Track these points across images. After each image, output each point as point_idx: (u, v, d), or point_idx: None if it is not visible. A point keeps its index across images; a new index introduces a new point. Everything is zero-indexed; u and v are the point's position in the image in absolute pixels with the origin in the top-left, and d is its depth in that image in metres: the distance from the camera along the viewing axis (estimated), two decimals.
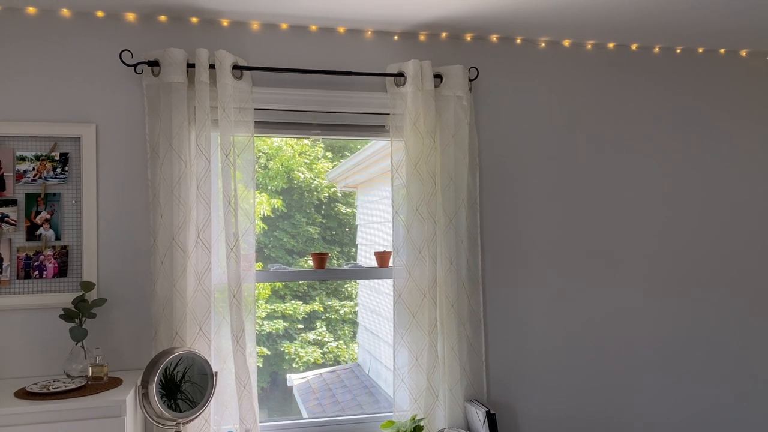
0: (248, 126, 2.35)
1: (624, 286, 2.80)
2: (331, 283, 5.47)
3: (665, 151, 2.87)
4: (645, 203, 2.84)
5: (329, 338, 5.47)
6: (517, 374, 2.66)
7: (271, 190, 5.28)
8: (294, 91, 2.45)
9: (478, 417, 2.39)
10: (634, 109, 2.85)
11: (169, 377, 2.08)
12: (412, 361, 2.44)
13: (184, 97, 2.26)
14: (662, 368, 2.82)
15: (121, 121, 2.32)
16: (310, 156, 5.53)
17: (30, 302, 2.19)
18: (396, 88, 2.49)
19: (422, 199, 2.45)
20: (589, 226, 2.77)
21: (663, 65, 2.90)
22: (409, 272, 2.45)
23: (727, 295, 2.91)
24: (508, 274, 2.67)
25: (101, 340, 2.26)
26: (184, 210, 2.24)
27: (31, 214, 2.22)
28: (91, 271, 2.25)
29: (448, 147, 2.51)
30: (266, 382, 5.29)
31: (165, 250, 2.23)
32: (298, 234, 5.48)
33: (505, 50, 2.71)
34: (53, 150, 2.25)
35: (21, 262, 2.20)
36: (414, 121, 2.44)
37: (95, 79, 2.31)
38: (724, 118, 2.95)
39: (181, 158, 2.24)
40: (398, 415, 2.45)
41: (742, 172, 2.96)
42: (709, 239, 2.90)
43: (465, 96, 2.54)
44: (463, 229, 2.53)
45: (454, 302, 2.48)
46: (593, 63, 2.82)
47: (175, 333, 2.21)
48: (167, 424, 2.09)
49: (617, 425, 2.76)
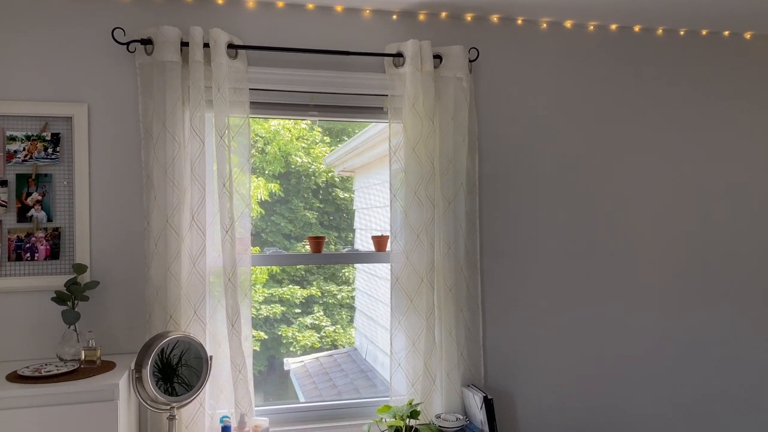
0: (243, 106, 2.30)
1: (624, 273, 2.77)
2: (328, 268, 5.45)
3: (669, 134, 2.84)
4: (647, 188, 2.80)
5: (326, 323, 5.47)
6: (515, 360, 2.64)
7: (268, 174, 5.24)
8: (290, 71, 2.40)
9: (475, 402, 2.38)
10: (637, 91, 2.81)
11: (166, 361, 2.06)
12: (409, 345, 2.42)
13: (177, 76, 2.21)
14: (660, 357, 2.81)
15: (114, 100, 2.28)
16: (308, 140, 5.48)
17: (21, 285, 2.16)
18: (394, 69, 2.44)
19: (420, 183, 2.41)
20: (591, 211, 2.74)
21: (666, 47, 2.85)
22: (406, 256, 2.42)
23: (726, 285, 2.89)
24: (507, 259, 2.64)
25: (94, 323, 2.23)
26: (178, 192, 2.20)
27: (21, 196, 2.18)
28: (83, 253, 2.21)
29: (448, 129, 2.47)
30: (263, 366, 5.29)
31: (159, 233, 2.20)
32: (295, 219, 5.45)
33: (506, 31, 2.66)
34: (44, 130, 2.20)
35: (12, 244, 2.17)
36: (413, 103, 2.40)
37: (87, 57, 2.26)
38: (727, 101, 2.91)
39: (175, 139, 2.20)
40: (395, 399, 2.43)
41: (748, 157, 2.92)
42: (715, 227, 2.88)
43: (465, 77, 2.49)
44: (461, 213, 2.49)
45: (452, 287, 2.45)
46: (595, 44, 2.77)
47: (170, 317, 2.18)
48: (161, 408, 2.07)
49: (614, 412, 2.75)
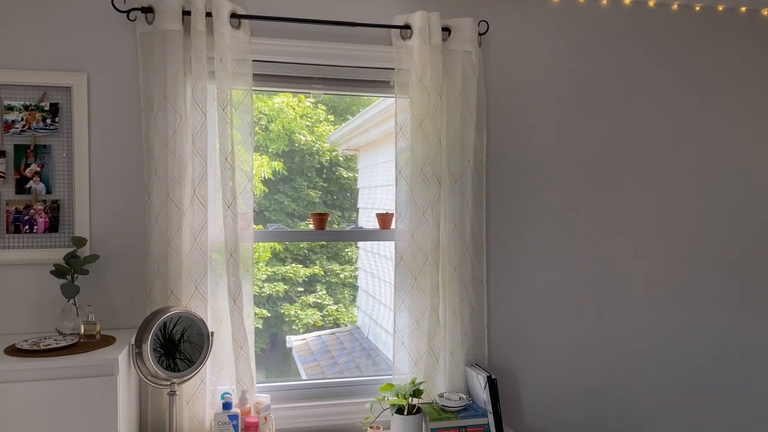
0: (246, 78, 2.25)
1: (629, 252, 2.73)
2: (331, 247, 5.42)
3: (682, 111, 2.77)
4: (659, 168, 2.75)
5: (329, 301, 5.46)
6: (519, 339, 2.61)
7: (272, 152, 5.19)
8: (294, 43, 2.34)
9: (478, 382, 2.35)
10: (650, 67, 2.73)
11: (168, 337, 2.03)
12: (412, 324, 2.39)
13: (179, 46, 2.15)
14: (664, 334, 2.77)
15: (114, 70, 2.22)
16: (312, 118, 5.42)
17: (20, 257, 2.13)
18: (402, 42, 2.37)
19: (427, 160, 2.36)
20: (599, 191, 2.69)
21: (681, 23, 2.77)
22: (411, 234, 2.38)
23: (733, 259, 2.84)
24: (513, 238, 2.60)
25: (94, 297, 2.20)
26: (179, 165, 2.15)
27: (20, 167, 2.14)
28: (83, 226, 2.17)
29: (455, 105, 2.41)
30: (266, 343, 5.30)
31: (160, 207, 2.16)
32: (299, 197, 5.40)
33: (516, 4, 2.58)
34: (42, 100, 2.15)
35: (10, 216, 2.13)
36: (420, 77, 2.34)
37: (86, 25, 2.20)
38: (744, 78, 2.84)
39: (176, 111, 2.15)
40: (398, 378, 2.41)
41: (762, 134, 2.86)
42: (721, 204, 2.82)
43: (474, 51, 2.42)
44: (468, 191, 2.44)
45: (457, 266, 2.41)
46: (608, 19, 2.69)
47: (170, 292, 2.15)
48: (162, 384, 2.05)
49: (618, 390, 2.73)
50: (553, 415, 2.66)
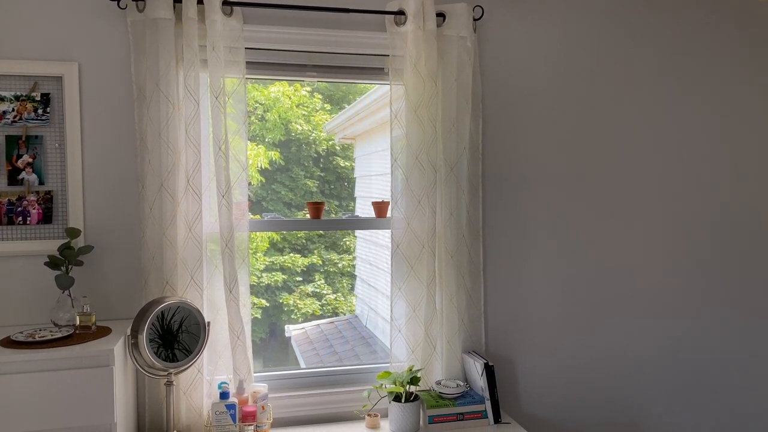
0: (239, 66, 2.22)
1: (626, 238, 2.72)
2: (329, 237, 5.41)
3: (682, 98, 2.75)
4: (655, 152, 2.73)
5: (327, 291, 5.46)
6: (516, 327, 2.61)
7: (268, 142, 5.16)
8: (288, 30, 2.31)
9: (476, 369, 2.35)
10: (649, 54, 2.71)
11: (166, 327, 2.02)
12: (409, 312, 2.38)
13: (171, 34, 2.13)
14: (661, 318, 2.77)
15: (106, 59, 2.20)
16: (308, 108, 5.38)
17: (14, 249, 2.12)
18: (396, 27, 2.35)
19: (422, 147, 2.34)
20: (596, 177, 2.68)
21: (682, 9, 2.74)
22: (407, 222, 2.37)
23: (726, 244, 2.84)
24: (510, 226, 2.59)
25: (89, 288, 2.19)
26: (172, 155, 2.13)
27: (12, 158, 2.12)
28: (77, 217, 2.16)
29: (450, 91, 2.39)
30: (265, 333, 5.30)
31: (153, 197, 2.14)
32: (296, 187, 5.38)
33: None
34: (33, 90, 2.13)
35: (3, 207, 2.11)
36: (414, 63, 2.32)
37: (77, 13, 2.17)
38: (745, 61, 2.82)
39: (168, 100, 2.13)
40: (395, 366, 2.41)
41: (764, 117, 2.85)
42: (722, 188, 2.82)
43: (469, 37, 2.40)
44: (464, 179, 2.43)
45: (454, 253, 2.40)
46: (605, 6, 2.66)
47: (166, 282, 2.14)
48: (159, 374, 2.04)
49: (616, 378, 2.73)
50: (550, 401, 2.66)
